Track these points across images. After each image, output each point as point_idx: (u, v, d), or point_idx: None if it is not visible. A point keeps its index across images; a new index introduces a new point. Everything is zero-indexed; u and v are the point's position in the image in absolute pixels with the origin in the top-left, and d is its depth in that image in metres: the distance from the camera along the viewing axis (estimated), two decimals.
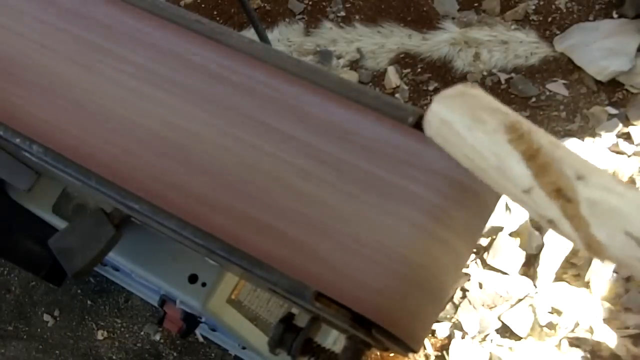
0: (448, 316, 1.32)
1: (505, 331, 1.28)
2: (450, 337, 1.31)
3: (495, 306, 1.30)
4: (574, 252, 1.30)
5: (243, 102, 0.48)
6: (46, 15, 0.53)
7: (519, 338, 1.26)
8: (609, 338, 1.20)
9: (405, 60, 1.57)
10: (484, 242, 1.35)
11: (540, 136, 0.23)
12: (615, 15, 1.55)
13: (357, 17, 1.64)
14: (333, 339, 0.97)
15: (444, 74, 1.55)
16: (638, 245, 0.21)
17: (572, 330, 1.23)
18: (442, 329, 1.32)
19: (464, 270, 1.32)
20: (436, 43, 1.57)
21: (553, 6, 1.59)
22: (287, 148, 0.45)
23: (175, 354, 1.41)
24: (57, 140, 0.48)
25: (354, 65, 1.59)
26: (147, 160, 0.47)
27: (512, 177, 0.23)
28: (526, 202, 0.23)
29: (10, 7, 0.54)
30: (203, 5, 1.73)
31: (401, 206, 0.42)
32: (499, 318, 1.28)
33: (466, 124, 0.24)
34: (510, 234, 1.34)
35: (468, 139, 0.24)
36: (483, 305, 1.30)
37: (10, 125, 0.49)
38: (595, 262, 1.25)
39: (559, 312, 1.25)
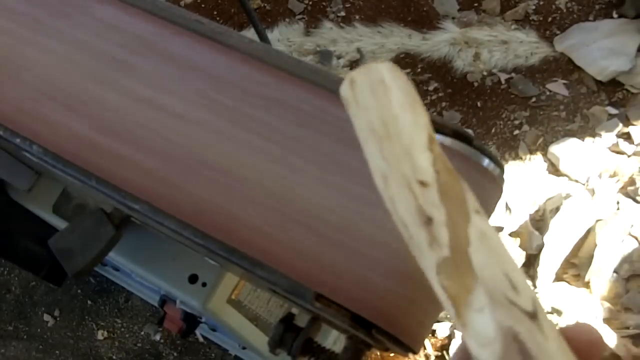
0: (448, 316, 1.32)
1: None
2: (450, 337, 1.31)
3: None
4: (574, 253, 1.30)
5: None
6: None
7: None
8: (609, 338, 1.20)
9: (405, 60, 1.57)
10: None
11: (446, 160, 0.23)
12: (615, 15, 1.55)
13: (357, 17, 1.64)
14: (333, 339, 0.97)
15: (444, 74, 1.55)
16: (512, 288, 0.21)
17: None
18: (442, 329, 1.32)
19: None
20: (436, 43, 1.57)
21: (553, 6, 1.59)
22: None
23: (175, 354, 1.41)
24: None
25: (354, 65, 1.59)
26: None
27: (415, 163, 0.22)
28: (413, 190, 0.22)
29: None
30: (203, 5, 1.72)
31: None
32: None
33: (401, 101, 0.23)
34: (510, 234, 1.34)
35: (394, 110, 0.23)
36: None
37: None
38: (596, 262, 1.25)
39: (559, 312, 1.25)
